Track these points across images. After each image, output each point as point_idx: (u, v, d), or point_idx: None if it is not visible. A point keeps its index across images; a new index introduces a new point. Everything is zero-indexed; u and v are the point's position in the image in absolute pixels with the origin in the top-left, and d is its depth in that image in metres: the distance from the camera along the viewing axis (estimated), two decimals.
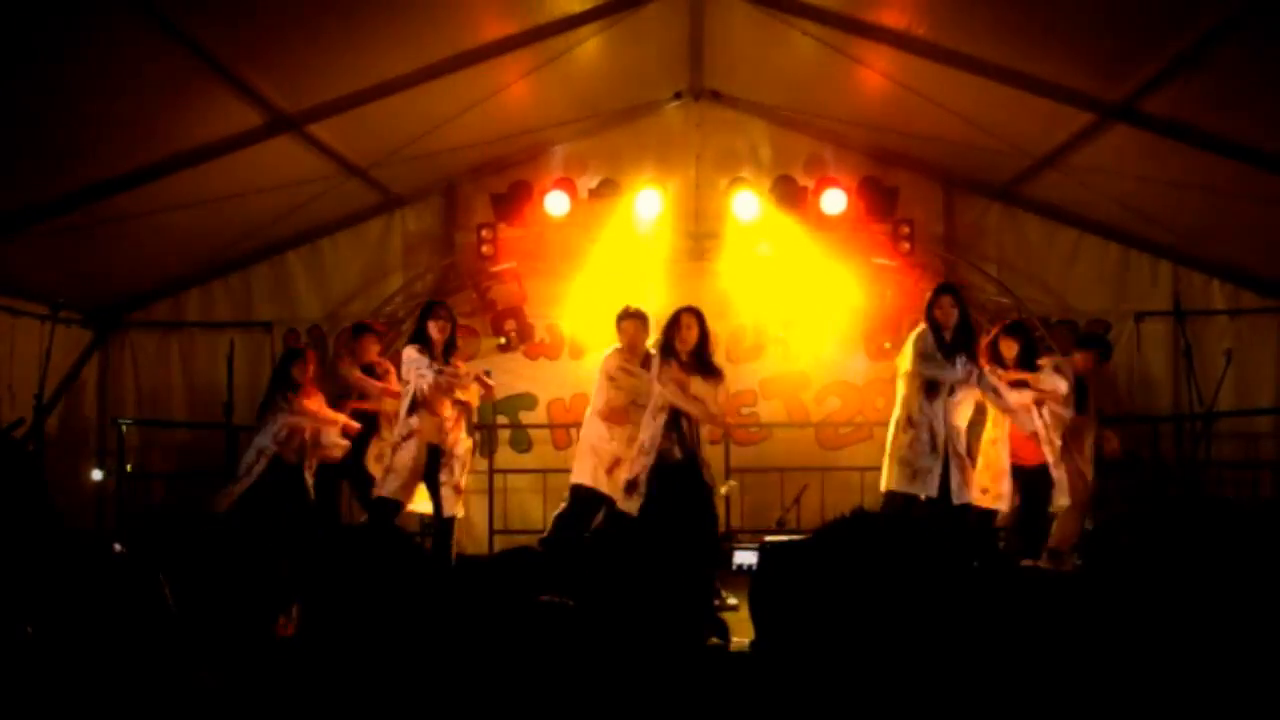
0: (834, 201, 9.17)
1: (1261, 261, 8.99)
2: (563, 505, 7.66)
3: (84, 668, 1.88)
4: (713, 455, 9.31)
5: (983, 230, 9.76)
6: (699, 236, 9.57)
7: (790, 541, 1.76)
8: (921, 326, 7.52)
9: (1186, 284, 9.44)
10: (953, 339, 7.43)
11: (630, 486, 7.04)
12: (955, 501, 7.27)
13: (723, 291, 9.52)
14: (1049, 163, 8.47)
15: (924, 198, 9.67)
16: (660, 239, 9.44)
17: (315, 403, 8.15)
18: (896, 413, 7.57)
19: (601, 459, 7.48)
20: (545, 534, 7.67)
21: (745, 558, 7.26)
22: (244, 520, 7.65)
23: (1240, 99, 6.67)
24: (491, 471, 9.35)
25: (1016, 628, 2.17)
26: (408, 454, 7.43)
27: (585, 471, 7.52)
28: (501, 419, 9.69)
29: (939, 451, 7.31)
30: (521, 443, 9.74)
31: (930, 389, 7.39)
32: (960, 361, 7.38)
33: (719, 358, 9.57)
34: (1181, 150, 7.27)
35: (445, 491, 7.51)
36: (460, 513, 7.73)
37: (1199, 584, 2.25)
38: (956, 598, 1.58)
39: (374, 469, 8.03)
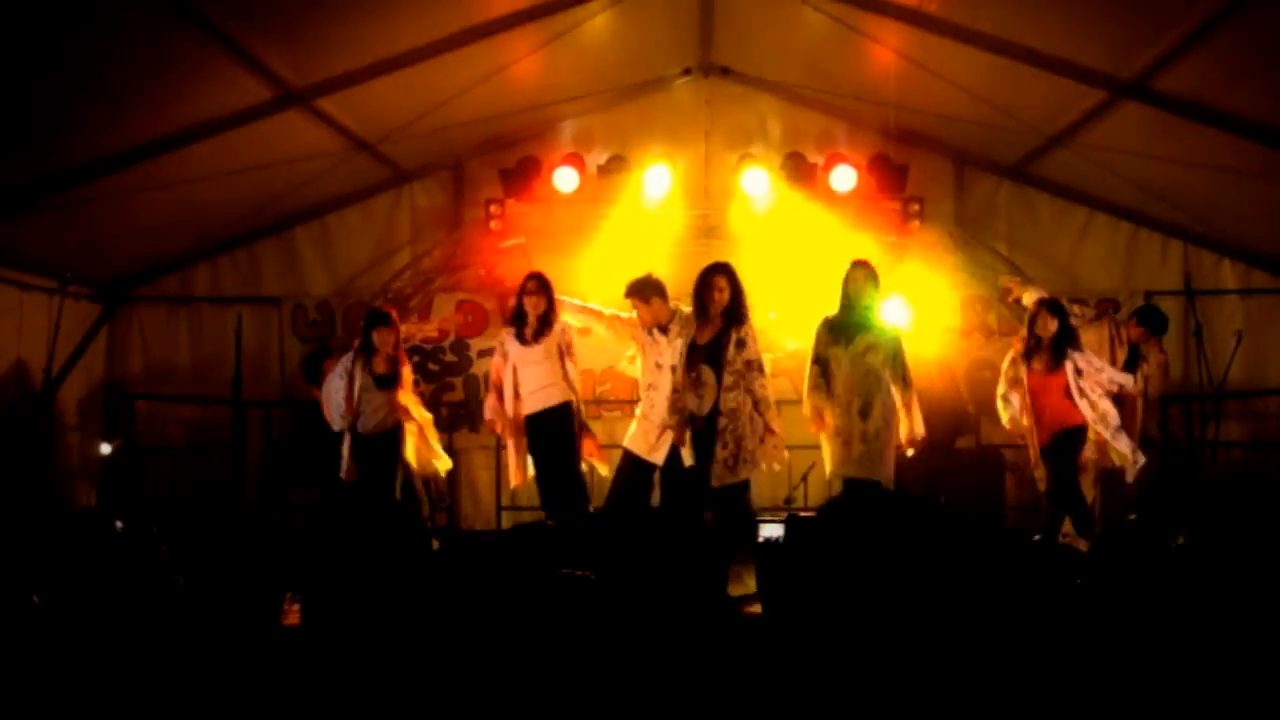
0: (844, 178, 9.12)
1: (1273, 241, 8.94)
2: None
3: (89, 637, 1.88)
4: None
5: (993, 208, 9.72)
6: (708, 213, 9.53)
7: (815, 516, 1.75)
8: None
9: (1197, 263, 9.40)
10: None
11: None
12: None
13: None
14: (1060, 141, 8.44)
15: (935, 175, 9.63)
16: (669, 215, 9.39)
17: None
18: None
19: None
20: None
21: (771, 531, 7.22)
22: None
23: (1254, 77, 6.62)
24: (499, 447, 9.34)
25: (1040, 612, 2.16)
26: None
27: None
28: None
29: None
30: None
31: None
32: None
33: None
34: (1193, 129, 7.23)
35: None
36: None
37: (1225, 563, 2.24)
38: (977, 577, 1.57)
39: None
